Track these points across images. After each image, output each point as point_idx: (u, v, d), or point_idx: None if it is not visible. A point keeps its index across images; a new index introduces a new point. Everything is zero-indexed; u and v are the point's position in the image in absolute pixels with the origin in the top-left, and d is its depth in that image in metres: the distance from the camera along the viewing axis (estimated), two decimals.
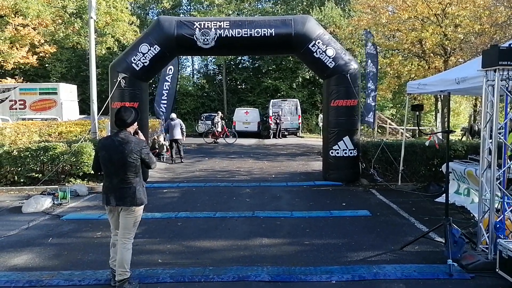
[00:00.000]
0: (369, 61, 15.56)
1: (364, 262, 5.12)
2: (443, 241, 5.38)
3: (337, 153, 10.25)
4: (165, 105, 16.59)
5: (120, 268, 4.29)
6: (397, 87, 21.45)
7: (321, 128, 23.85)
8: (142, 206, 4.48)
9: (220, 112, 24.56)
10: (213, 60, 36.43)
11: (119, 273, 4.28)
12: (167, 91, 16.72)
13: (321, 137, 23.15)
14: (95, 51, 14.06)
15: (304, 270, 4.83)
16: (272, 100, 27.71)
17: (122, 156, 4.23)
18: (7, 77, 23.79)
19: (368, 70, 15.61)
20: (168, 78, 16.75)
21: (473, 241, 5.29)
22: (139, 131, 4.61)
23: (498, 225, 4.82)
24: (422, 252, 5.42)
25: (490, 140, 4.95)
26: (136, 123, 4.49)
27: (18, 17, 19.63)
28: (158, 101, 16.78)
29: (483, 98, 5.07)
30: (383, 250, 5.52)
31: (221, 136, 22.19)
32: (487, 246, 4.90)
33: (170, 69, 16.62)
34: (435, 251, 5.44)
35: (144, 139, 4.64)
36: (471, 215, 7.01)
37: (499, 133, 4.99)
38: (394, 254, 5.38)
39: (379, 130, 25.10)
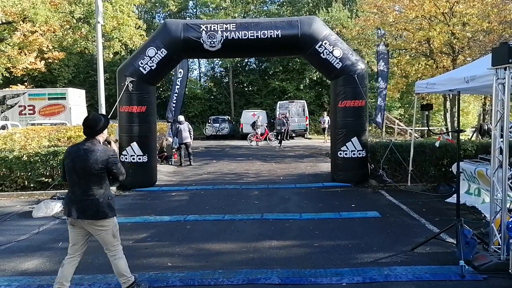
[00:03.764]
0: (381, 60, 15.49)
1: (374, 264, 5.08)
2: (455, 242, 5.32)
3: (346, 154, 10.20)
4: (174, 108, 16.70)
5: (120, 278, 4.22)
6: (404, 87, 21.30)
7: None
8: (114, 219, 4.16)
9: (260, 116, 24.34)
10: (220, 62, 36.50)
11: (122, 282, 4.23)
12: (176, 94, 16.84)
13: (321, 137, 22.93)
14: (103, 55, 14.15)
15: (314, 273, 4.80)
16: (279, 102, 27.70)
17: (86, 165, 3.93)
18: (18, 84, 24.02)
19: (380, 69, 15.52)
20: (178, 81, 16.88)
21: (485, 242, 5.23)
22: (111, 140, 4.40)
23: (510, 225, 4.74)
24: (433, 253, 5.37)
25: (501, 139, 4.89)
26: (106, 130, 4.22)
27: (26, 23, 19.81)
28: (170, 105, 16.97)
29: (494, 97, 5.01)
30: (394, 251, 5.47)
31: (263, 139, 22.21)
32: (500, 246, 4.83)
33: (180, 72, 16.77)
34: (447, 252, 5.38)
35: (115, 148, 4.42)
36: (482, 215, 6.93)
37: (510, 132, 4.93)
38: (405, 255, 5.33)
39: (387, 130, 24.95)
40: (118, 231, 4.27)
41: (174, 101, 16.82)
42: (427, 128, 17.91)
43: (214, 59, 34.84)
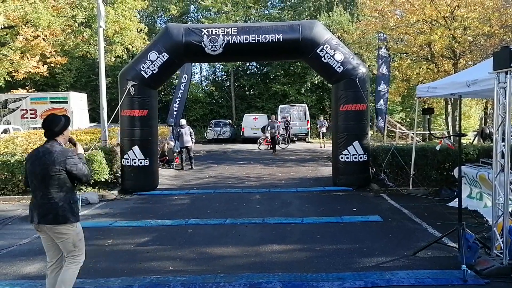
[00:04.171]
0: (383, 63, 15.51)
1: (376, 268, 5.07)
2: (457, 246, 5.30)
3: (347, 158, 10.19)
4: (176, 112, 16.81)
5: None
6: (406, 90, 21.33)
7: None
8: (76, 225, 3.93)
9: (271, 119, 24.20)
10: (221, 66, 36.56)
11: None
12: (179, 99, 16.99)
13: (320, 141, 22.60)
14: (105, 59, 14.18)
15: (315, 277, 4.79)
16: (280, 106, 27.73)
17: (43, 168, 3.79)
18: (18, 88, 24.10)
19: (382, 73, 15.54)
20: (182, 86, 17.05)
21: (487, 246, 5.21)
22: (76, 142, 4.20)
23: None
24: (435, 257, 5.36)
25: (503, 143, 4.88)
26: (67, 131, 4.02)
27: (29, 27, 19.87)
28: (171, 109, 17.09)
29: (495, 101, 5.01)
30: (396, 256, 5.46)
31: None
32: (502, 251, 4.81)
33: (185, 77, 16.95)
34: (449, 256, 5.36)
35: (80, 150, 4.16)
36: (484, 219, 6.91)
37: None
38: (406, 260, 5.31)
39: (389, 134, 24.93)
40: (82, 241, 4.03)
41: (177, 106, 16.93)
42: (428, 132, 17.90)
43: (216, 63, 34.89)
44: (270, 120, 20.10)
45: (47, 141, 3.93)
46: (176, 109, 16.91)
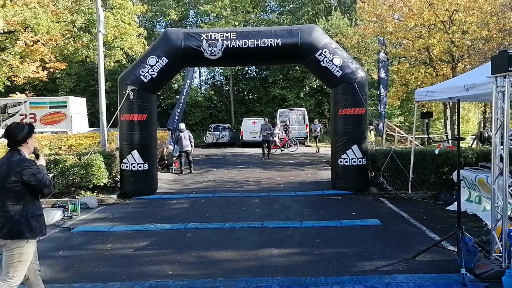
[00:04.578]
0: (382, 68, 15.59)
1: (375, 272, 5.07)
2: (456, 250, 5.31)
3: (346, 161, 10.20)
4: (177, 117, 16.95)
5: None
6: (404, 94, 21.38)
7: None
8: (25, 245, 3.61)
9: (278, 124, 24.30)
10: (220, 71, 36.63)
11: None
12: (181, 104, 17.15)
13: (315, 145, 22.51)
14: (104, 64, 14.22)
15: (315, 281, 4.79)
16: (279, 110, 27.76)
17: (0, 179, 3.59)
18: (17, 92, 24.12)
19: (381, 77, 15.62)
20: (185, 91, 17.22)
21: (486, 250, 5.22)
22: (40, 154, 3.95)
23: (511, 233, 4.74)
24: (434, 261, 5.36)
25: (502, 147, 4.90)
26: (31, 140, 3.79)
27: (28, 33, 19.90)
28: (173, 114, 17.26)
29: (494, 105, 5.03)
30: (395, 259, 5.46)
31: (281, 146, 22.35)
32: (501, 254, 4.82)
33: (188, 83, 17.15)
34: (448, 260, 5.37)
35: (43, 162, 3.90)
36: (483, 223, 6.92)
37: (511, 140, 4.94)
38: (406, 263, 5.31)
39: (387, 138, 24.96)
40: (23, 265, 3.65)
41: (178, 110, 17.07)
42: (427, 136, 17.92)
43: (215, 68, 34.96)
44: (263, 124, 19.27)
45: (9, 150, 3.73)
46: (178, 113, 17.03)
